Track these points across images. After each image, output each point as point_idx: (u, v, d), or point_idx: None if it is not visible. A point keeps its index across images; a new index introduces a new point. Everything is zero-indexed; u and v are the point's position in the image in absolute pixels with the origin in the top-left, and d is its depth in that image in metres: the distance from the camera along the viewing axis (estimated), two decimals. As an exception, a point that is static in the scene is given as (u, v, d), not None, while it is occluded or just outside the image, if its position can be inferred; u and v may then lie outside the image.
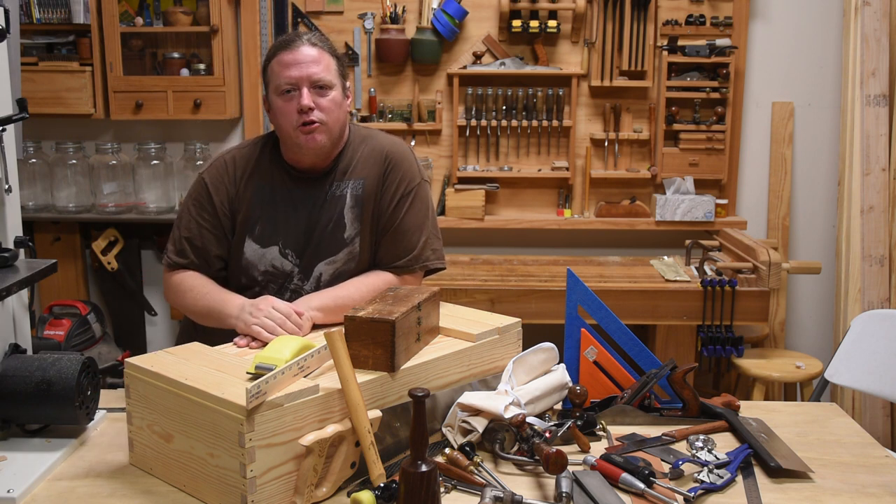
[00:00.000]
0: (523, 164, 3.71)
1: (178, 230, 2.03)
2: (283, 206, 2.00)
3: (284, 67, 1.91)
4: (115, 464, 1.61)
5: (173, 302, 2.07)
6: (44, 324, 3.52)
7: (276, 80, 1.92)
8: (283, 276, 2.01)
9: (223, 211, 2.01)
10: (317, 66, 1.92)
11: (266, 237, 2.00)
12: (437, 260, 2.08)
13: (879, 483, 1.57)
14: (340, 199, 2.00)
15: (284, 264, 2.00)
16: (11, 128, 1.76)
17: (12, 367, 1.65)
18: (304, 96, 1.89)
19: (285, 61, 1.91)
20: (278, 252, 2.00)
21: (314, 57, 1.92)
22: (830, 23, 3.68)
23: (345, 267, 2.01)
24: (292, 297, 1.99)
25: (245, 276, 2.02)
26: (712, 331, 3.11)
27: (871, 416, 3.44)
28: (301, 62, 1.90)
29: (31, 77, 3.47)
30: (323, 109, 1.91)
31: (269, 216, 2.00)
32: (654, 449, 1.69)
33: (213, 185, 2.01)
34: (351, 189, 2.01)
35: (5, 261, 1.68)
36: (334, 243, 2.00)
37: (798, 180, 3.80)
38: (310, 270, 2.01)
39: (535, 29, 3.53)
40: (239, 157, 2.04)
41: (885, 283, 3.46)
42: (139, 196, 3.69)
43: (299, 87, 1.90)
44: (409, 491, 1.36)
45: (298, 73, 1.90)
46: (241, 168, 2.03)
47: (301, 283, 2.01)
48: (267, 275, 2.01)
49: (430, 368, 1.67)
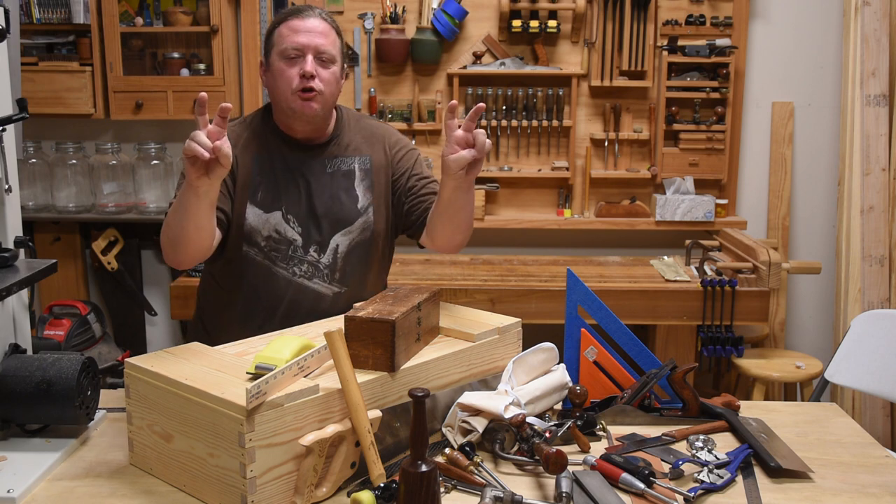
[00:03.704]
0: (523, 164, 3.71)
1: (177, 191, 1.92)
2: (283, 174, 2.03)
3: (293, 32, 1.95)
4: (115, 464, 1.61)
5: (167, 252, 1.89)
6: (44, 324, 3.52)
7: (283, 43, 1.95)
8: (287, 244, 2.02)
9: None
10: (324, 38, 1.97)
11: (268, 203, 2.01)
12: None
13: (879, 483, 1.57)
14: (349, 173, 2.06)
15: (287, 231, 2.01)
16: (11, 128, 1.75)
17: (12, 367, 1.65)
18: (308, 62, 1.94)
19: (295, 27, 1.95)
20: (281, 217, 2.01)
21: (323, 29, 1.97)
22: (830, 23, 3.68)
23: (360, 237, 2.05)
24: (308, 268, 2.01)
25: (247, 242, 2.00)
26: (712, 331, 3.11)
27: (871, 416, 3.44)
28: (310, 31, 1.95)
29: (31, 77, 3.47)
30: (323, 80, 1.96)
31: (269, 182, 2.02)
32: (654, 449, 1.69)
33: None
34: (359, 164, 2.07)
35: (5, 261, 1.68)
36: (349, 214, 2.04)
37: (798, 180, 3.80)
38: (325, 243, 2.03)
39: (535, 29, 3.53)
40: (229, 132, 1.98)
41: (885, 283, 3.46)
42: (139, 196, 3.69)
43: (304, 53, 1.94)
44: (409, 491, 1.36)
45: (307, 41, 1.94)
46: (234, 140, 1.96)
47: (318, 255, 2.02)
48: (270, 241, 2.01)
49: (430, 368, 1.67)
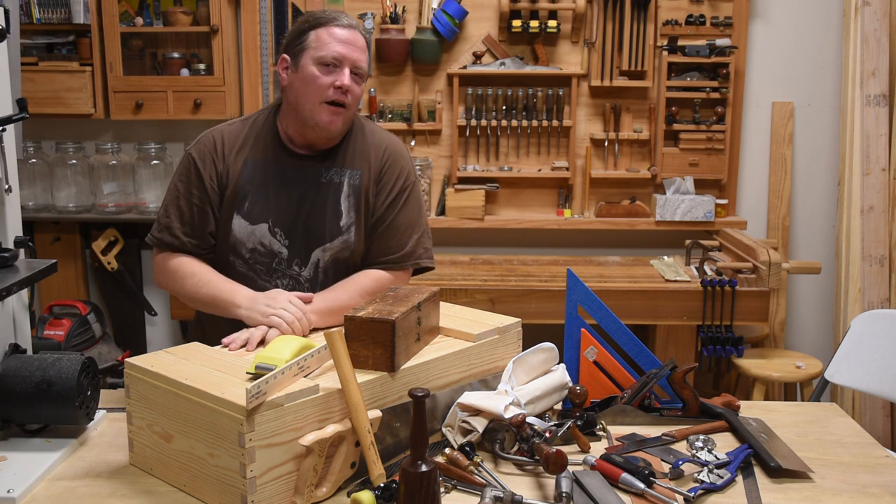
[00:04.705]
0: (523, 164, 3.71)
1: (166, 209, 1.99)
2: (275, 183, 1.98)
3: (336, 41, 1.91)
4: (115, 464, 1.61)
5: (168, 286, 2.01)
6: (44, 324, 3.53)
7: (323, 49, 1.90)
8: (271, 256, 1.98)
9: (212, 187, 1.97)
10: (363, 53, 1.95)
11: (255, 214, 1.97)
12: (428, 259, 2.08)
13: (879, 483, 1.57)
14: (338, 186, 1.99)
15: (273, 243, 1.97)
16: (11, 128, 1.75)
17: (12, 367, 1.65)
18: (345, 75, 1.90)
19: (339, 36, 1.91)
20: (267, 230, 1.97)
21: (362, 45, 1.95)
22: (830, 23, 3.68)
23: (340, 254, 2.00)
24: (289, 282, 1.98)
25: (232, 253, 1.98)
26: (712, 331, 3.11)
27: (871, 416, 3.44)
28: (352, 43, 1.92)
29: (31, 77, 3.47)
30: (353, 96, 1.93)
31: (259, 192, 1.97)
32: (654, 449, 1.69)
33: (200, 161, 1.97)
34: (349, 178, 2.00)
35: (5, 261, 1.68)
36: (330, 230, 1.98)
37: (798, 180, 3.80)
38: (307, 256, 1.99)
39: (535, 29, 3.53)
40: (227, 133, 2.01)
41: (885, 283, 3.46)
42: (139, 196, 3.69)
43: (343, 65, 1.91)
44: (409, 491, 1.36)
45: (349, 53, 1.91)
46: (230, 144, 2.00)
47: (299, 269, 1.99)
48: (255, 253, 1.98)
49: (430, 368, 1.67)
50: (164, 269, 2.00)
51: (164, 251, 2.00)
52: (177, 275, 1.97)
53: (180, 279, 1.96)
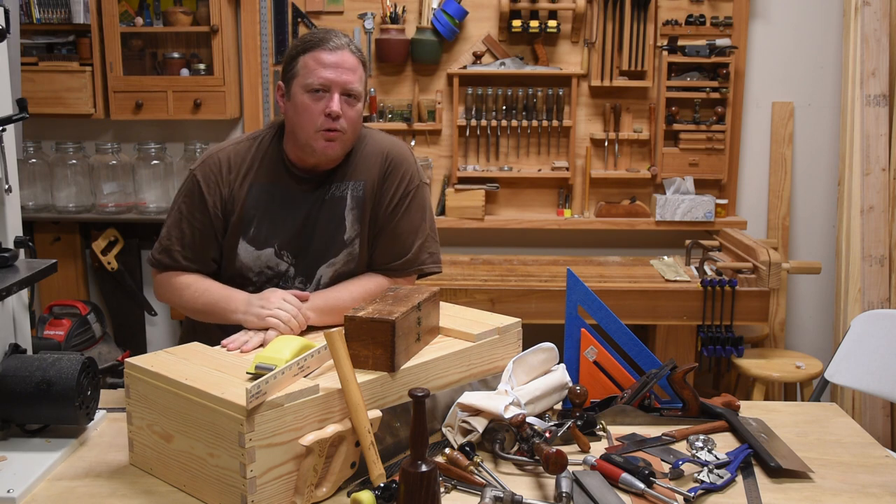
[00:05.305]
0: (523, 164, 3.71)
1: (168, 230, 1.97)
2: (282, 206, 1.96)
3: (322, 66, 1.85)
4: (115, 464, 1.61)
5: (167, 299, 2.02)
6: (44, 324, 3.53)
7: (309, 76, 1.86)
8: (279, 277, 1.98)
9: (215, 213, 1.95)
10: (353, 74, 1.87)
11: (262, 239, 1.96)
12: (433, 263, 2.06)
13: (879, 483, 1.57)
14: (341, 200, 1.97)
15: (280, 265, 1.98)
16: (11, 128, 1.75)
17: (12, 367, 1.65)
18: (335, 102, 1.85)
19: (325, 61, 1.86)
20: (273, 254, 1.96)
21: (352, 65, 1.88)
22: (830, 23, 3.68)
23: (344, 268, 1.99)
24: None
25: (239, 277, 1.98)
26: (712, 331, 3.11)
27: (871, 416, 3.44)
28: (340, 67, 1.86)
29: (31, 77, 3.47)
30: (348, 120, 1.88)
31: (265, 217, 1.96)
32: (654, 449, 1.69)
33: (205, 185, 1.95)
34: (351, 190, 1.97)
35: (5, 261, 1.68)
36: (334, 245, 1.97)
37: (798, 180, 3.80)
38: (312, 274, 1.99)
39: (535, 29, 3.53)
40: (234, 156, 1.98)
41: (885, 283, 3.46)
42: (139, 196, 3.69)
43: (332, 90, 1.86)
44: (409, 491, 1.36)
45: (335, 77, 1.85)
46: (236, 168, 1.97)
47: (303, 286, 1.98)
48: (262, 275, 1.98)
49: (430, 368, 1.67)
50: (162, 284, 2.01)
51: (164, 272, 2.01)
52: (174, 287, 1.97)
53: (178, 290, 1.97)
